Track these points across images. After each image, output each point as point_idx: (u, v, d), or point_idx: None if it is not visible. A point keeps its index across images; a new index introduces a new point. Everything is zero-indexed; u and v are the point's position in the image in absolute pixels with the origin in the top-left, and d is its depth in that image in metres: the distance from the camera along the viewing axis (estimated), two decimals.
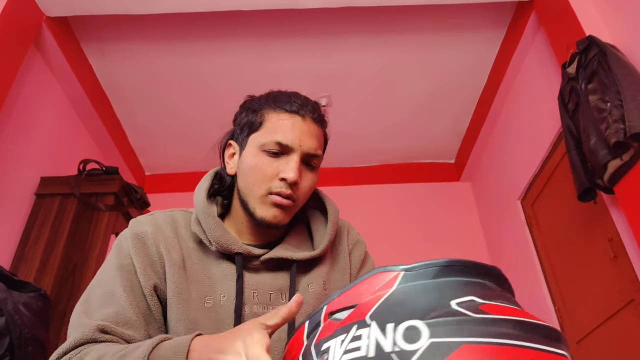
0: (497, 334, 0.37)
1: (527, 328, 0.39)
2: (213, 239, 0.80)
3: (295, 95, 0.87)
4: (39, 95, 2.50)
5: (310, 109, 0.85)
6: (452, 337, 0.37)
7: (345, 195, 3.47)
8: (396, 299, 0.43)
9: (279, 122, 0.82)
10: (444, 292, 0.42)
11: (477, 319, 0.39)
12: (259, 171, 0.80)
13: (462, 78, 3.01)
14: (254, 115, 0.85)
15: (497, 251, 3.26)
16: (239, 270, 0.79)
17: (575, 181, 1.95)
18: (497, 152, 3.19)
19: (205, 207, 0.83)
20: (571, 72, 1.96)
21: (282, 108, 0.83)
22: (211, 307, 0.77)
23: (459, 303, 0.41)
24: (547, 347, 0.38)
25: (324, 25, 2.64)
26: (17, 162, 2.32)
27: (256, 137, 0.83)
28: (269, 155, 0.81)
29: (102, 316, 0.72)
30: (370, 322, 0.42)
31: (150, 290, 0.76)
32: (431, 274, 0.44)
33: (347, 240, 0.95)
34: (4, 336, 1.50)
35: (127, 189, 2.50)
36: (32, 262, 2.17)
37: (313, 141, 0.83)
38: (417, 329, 0.39)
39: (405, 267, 0.45)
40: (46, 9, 2.34)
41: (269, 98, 0.86)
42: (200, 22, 2.59)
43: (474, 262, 0.45)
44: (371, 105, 3.19)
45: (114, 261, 0.79)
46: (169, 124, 3.18)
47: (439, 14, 2.59)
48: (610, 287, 2.07)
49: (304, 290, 0.83)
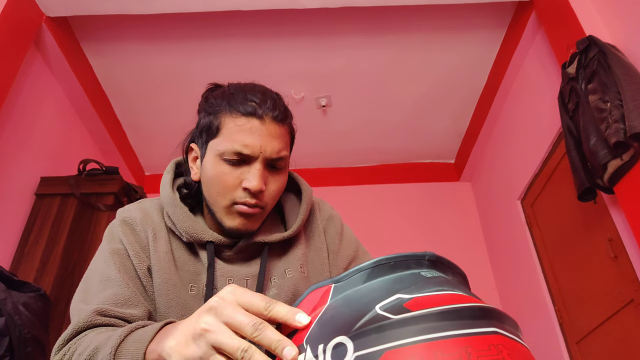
0: (418, 332, 0.36)
1: (449, 316, 0.37)
2: (183, 230, 0.79)
3: (252, 91, 0.79)
4: (39, 95, 2.50)
5: (270, 107, 0.77)
6: (374, 346, 0.36)
7: (345, 195, 3.48)
8: (328, 315, 0.41)
9: (236, 128, 0.75)
10: (371, 297, 0.40)
11: (397, 320, 0.37)
12: (220, 182, 0.76)
13: (462, 78, 3.01)
14: (211, 119, 0.78)
15: (497, 251, 3.26)
16: (210, 258, 0.78)
17: (575, 181, 1.95)
18: (497, 152, 3.19)
19: (171, 199, 0.82)
20: (571, 72, 1.96)
21: (238, 111, 0.76)
22: (195, 294, 0.77)
23: (382, 306, 0.39)
24: (471, 329, 0.36)
25: (324, 25, 2.64)
26: (17, 162, 2.32)
27: (215, 145, 0.77)
28: (230, 164, 0.76)
29: (100, 300, 0.72)
30: (306, 346, 0.40)
31: (144, 271, 0.77)
32: (361, 280, 0.42)
33: (319, 216, 0.91)
34: (4, 336, 1.49)
35: (127, 189, 2.50)
36: (32, 262, 2.17)
37: (275, 144, 0.76)
38: (344, 345, 0.37)
39: (333, 278, 0.43)
40: (46, 9, 2.34)
41: (224, 98, 0.79)
42: (200, 22, 2.59)
43: (403, 254, 0.42)
44: (371, 105, 3.19)
45: (106, 247, 0.79)
46: (169, 124, 3.18)
47: (439, 14, 2.59)
48: (610, 287, 2.07)
49: (281, 277, 0.81)
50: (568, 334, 2.44)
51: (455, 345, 0.35)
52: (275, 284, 0.81)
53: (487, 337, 0.36)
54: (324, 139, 3.45)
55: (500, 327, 0.38)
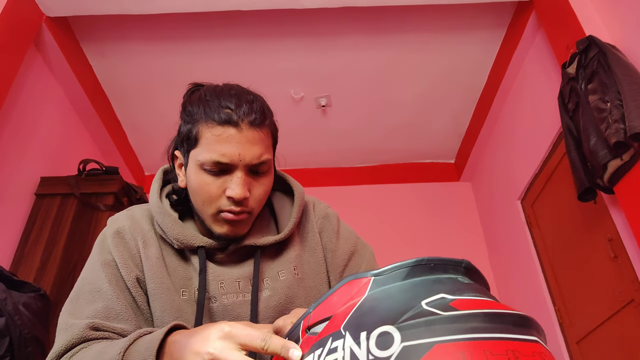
0: (466, 330, 0.37)
1: (495, 319, 0.39)
2: (173, 237, 0.79)
3: (227, 96, 0.76)
4: (39, 95, 2.50)
5: (246, 112, 0.74)
6: (423, 338, 0.37)
7: (345, 195, 3.48)
8: (368, 305, 0.42)
9: (213, 138, 0.74)
10: (414, 293, 0.42)
11: (446, 317, 0.39)
12: (204, 192, 0.76)
13: (462, 78, 3.01)
14: (189, 127, 0.77)
15: (497, 251, 3.26)
16: (202, 263, 0.78)
17: (575, 181, 1.95)
18: (497, 152, 3.19)
19: (159, 207, 0.82)
20: (571, 72, 1.96)
21: (214, 120, 0.74)
22: (187, 299, 0.78)
23: (428, 302, 0.40)
24: (516, 335, 0.39)
25: (324, 25, 2.64)
26: (17, 162, 2.32)
27: (195, 155, 0.76)
28: (211, 174, 0.75)
29: (91, 312, 0.72)
30: (345, 332, 0.41)
31: (133, 282, 0.77)
32: (401, 276, 0.44)
33: (313, 216, 0.90)
34: (4, 336, 1.49)
35: (127, 189, 2.50)
36: (32, 262, 2.17)
37: (255, 150, 0.75)
38: (390, 335, 0.39)
39: (374, 272, 0.45)
40: (46, 9, 2.34)
41: (200, 105, 0.77)
42: (200, 22, 2.59)
43: (443, 259, 0.45)
44: (371, 105, 3.19)
45: (96, 258, 0.79)
46: (168, 124, 3.17)
47: (439, 14, 2.59)
48: (610, 287, 2.07)
49: (274, 279, 0.81)
50: (568, 334, 2.44)
51: (503, 347, 0.37)
52: (268, 286, 0.81)
53: (531, 344, 0.39)
54: (323, 139, 3.45)
55: (538, 336, 0.41)
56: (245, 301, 0.78)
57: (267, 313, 0.78)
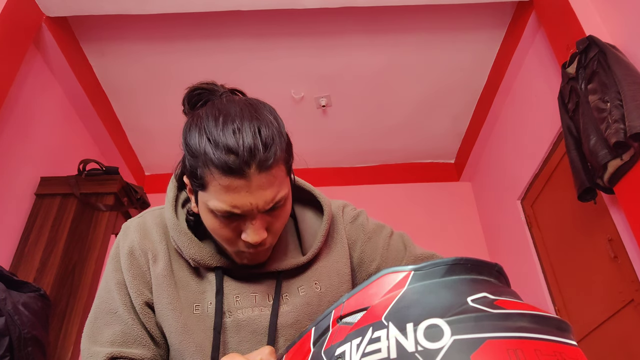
0: (515, 328, 0.38)
1: (542, 321, 0.40)
2: (189, 257, 0.77)
3: (229, 133, 0.66)
4: (39, 95, 2.50)
5: (252, 153, 0.65)
6: (474, 333, 0.38)
7: (345, 196, 3.46)
8: (410, 298, 0.43)
9: (221, 188, 0.66)
10: (458, 290, 0.42)
11: (495, 314, 0.39)
12: (219, 235, 0.72)
13: (462, 78, 3.01)
14: (194, 164, 0.69)
15: (497, 251, 3.26)
16: (219, 284, 0.76)
17: (575, 181, 1.95)
18: (497, 152, 3.19)
19: (175, 225, 0.78)
20: (571, 72, 1.96)
21: (218, 170, 0.65)
22: (200, 314, 0.75)
23: (474, 300, 0.41)
24: (561, 338, 0.40)
25: (323, 25, 2.64)
26: (17, 162, 2.32)
27: (204, 199, 0.70)
28: (224, 218, 0.70)
29: (109, 336, 0.73)
30: (387, 323, 0.41)
31: (141, 306, 0.76)
32: (440, 273, 0.44)
33: (342, 224, 0.87)
34: (4, 336, 1.50)
35: (127, 189, 2.50)
36: (32, 262, 2.17)
37: (267, 194, 0.67)
38: (439, 327, 0.39)
39: (414, 266, 0.45)
40: (46, 9, 2.34)
41: (201, 144, 0.67)
42: (199, 22, 2.59)
43: (479, 260, 0.46)
44: (371, 105, 3.19)
45: (111, 276, 0.78)
46: (168, 124, 3.18)
47: (439, 14, 2.59)
48: (610, 287, 2.07)
49: (294, 294, 0.79)
50: None
51: (551, 348, 0.38)
52: (287, 301, 0.78)
53: (574, 348, 0.40)
54: (323, 139, 3.45)
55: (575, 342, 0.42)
56: (262, 315, 0.76)
57: (284, 330, 0.76)
